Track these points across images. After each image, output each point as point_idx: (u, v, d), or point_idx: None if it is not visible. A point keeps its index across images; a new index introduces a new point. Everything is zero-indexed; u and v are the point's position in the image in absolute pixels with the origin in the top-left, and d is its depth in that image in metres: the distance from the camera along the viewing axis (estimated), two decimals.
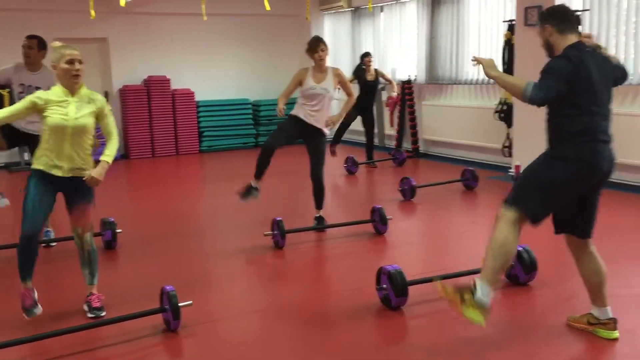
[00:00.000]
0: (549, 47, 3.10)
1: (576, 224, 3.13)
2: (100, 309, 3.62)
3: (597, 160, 2.95)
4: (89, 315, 3.60)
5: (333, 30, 11.53)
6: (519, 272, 3.89)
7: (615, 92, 3.16)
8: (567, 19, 3.07)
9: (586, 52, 3.00)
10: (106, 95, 10.04)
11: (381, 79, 8.54)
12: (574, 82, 2.91)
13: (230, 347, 3.32)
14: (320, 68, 5.25)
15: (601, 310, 3.15)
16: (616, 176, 6.62)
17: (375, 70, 8.39)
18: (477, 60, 3.19)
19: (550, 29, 3.06)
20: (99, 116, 3.54)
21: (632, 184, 6.53)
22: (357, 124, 9.02)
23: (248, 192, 5.30)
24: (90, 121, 3.49)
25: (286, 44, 11.51)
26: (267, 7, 6.23)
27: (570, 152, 2.96)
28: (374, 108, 8.78)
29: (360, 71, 8.30)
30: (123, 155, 10.20)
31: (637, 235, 5.02)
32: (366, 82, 8.25)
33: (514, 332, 3.25)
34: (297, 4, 10.99)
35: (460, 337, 3.23)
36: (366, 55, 8.38)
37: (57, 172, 3.47)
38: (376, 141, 9.36)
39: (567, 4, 6.57)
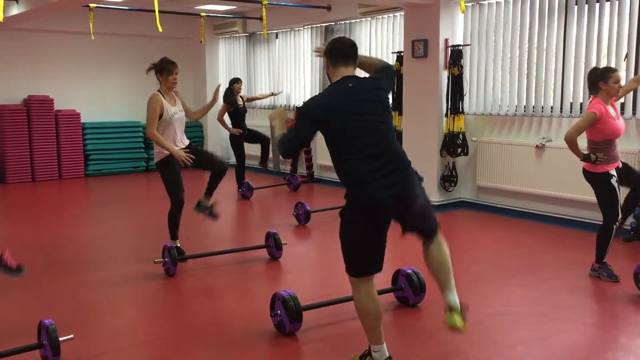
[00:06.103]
0: (330, 80, 3.12)
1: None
2: None
3: (376, 202, 2.84)
4: None
5: (228, 54, 11.50)
6: (409, 294, 4.01)
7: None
8: (339, 53, 3.06)
9: (348, 87, 2.94)
10: None
11: (249, 104, 8.67)
12: (326, 124, 2.89)
13: None
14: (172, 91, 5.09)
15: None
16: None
17: (241, 97, 8.45)
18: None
19: (327, 63, 3.11)
20: None
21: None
22: (253, 149, 9.02)
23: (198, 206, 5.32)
24: None
25: (180, 67, 11.23)
26: (160, 29, 6.10)
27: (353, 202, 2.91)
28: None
29: (231, 97, 8.25)
30: None
31: (509, 254, 5.35)
32: (238, 107, 8.29)
33: (405, 353, 3.33)
34: (192, 27, 10.86)
35: None
36: (236, 81, 8.39)
37: None
38: (271, 166, 9.38)
39: (450, 39, 7.02)
